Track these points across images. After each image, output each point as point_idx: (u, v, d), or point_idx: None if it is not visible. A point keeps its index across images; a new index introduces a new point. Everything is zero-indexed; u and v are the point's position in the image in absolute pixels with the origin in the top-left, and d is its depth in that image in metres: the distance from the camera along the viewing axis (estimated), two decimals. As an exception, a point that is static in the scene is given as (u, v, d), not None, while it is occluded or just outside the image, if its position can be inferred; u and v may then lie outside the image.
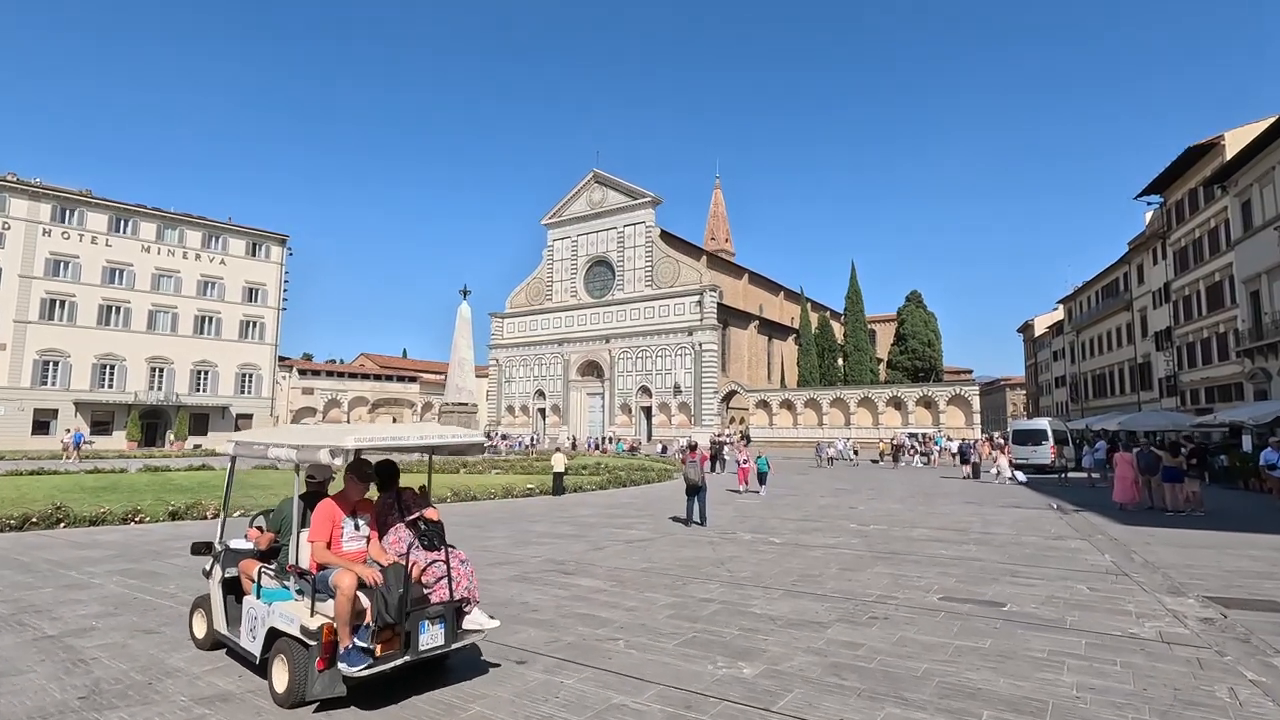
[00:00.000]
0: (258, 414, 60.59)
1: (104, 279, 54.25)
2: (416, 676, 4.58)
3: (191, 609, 5.55)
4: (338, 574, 4.24)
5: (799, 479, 27.04)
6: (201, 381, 58.51)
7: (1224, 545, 10.30)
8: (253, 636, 4.60)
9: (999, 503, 17.26)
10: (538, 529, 12.21)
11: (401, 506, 4.97)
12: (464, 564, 4.83)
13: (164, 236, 57.78)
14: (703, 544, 10.43)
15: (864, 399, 58.59)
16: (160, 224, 57.64)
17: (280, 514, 5.08)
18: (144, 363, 55.55)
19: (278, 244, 63.90)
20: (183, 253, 58.46)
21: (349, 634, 4.12)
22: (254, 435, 5.27)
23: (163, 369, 56.47)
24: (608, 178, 69.93)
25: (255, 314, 61.56)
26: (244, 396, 60.44)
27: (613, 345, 67.25)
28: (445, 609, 4.47)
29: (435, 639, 4.38)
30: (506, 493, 18.88)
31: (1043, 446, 28.00)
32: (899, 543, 10.58)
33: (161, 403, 55.58)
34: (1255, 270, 34.59)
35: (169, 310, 57.08)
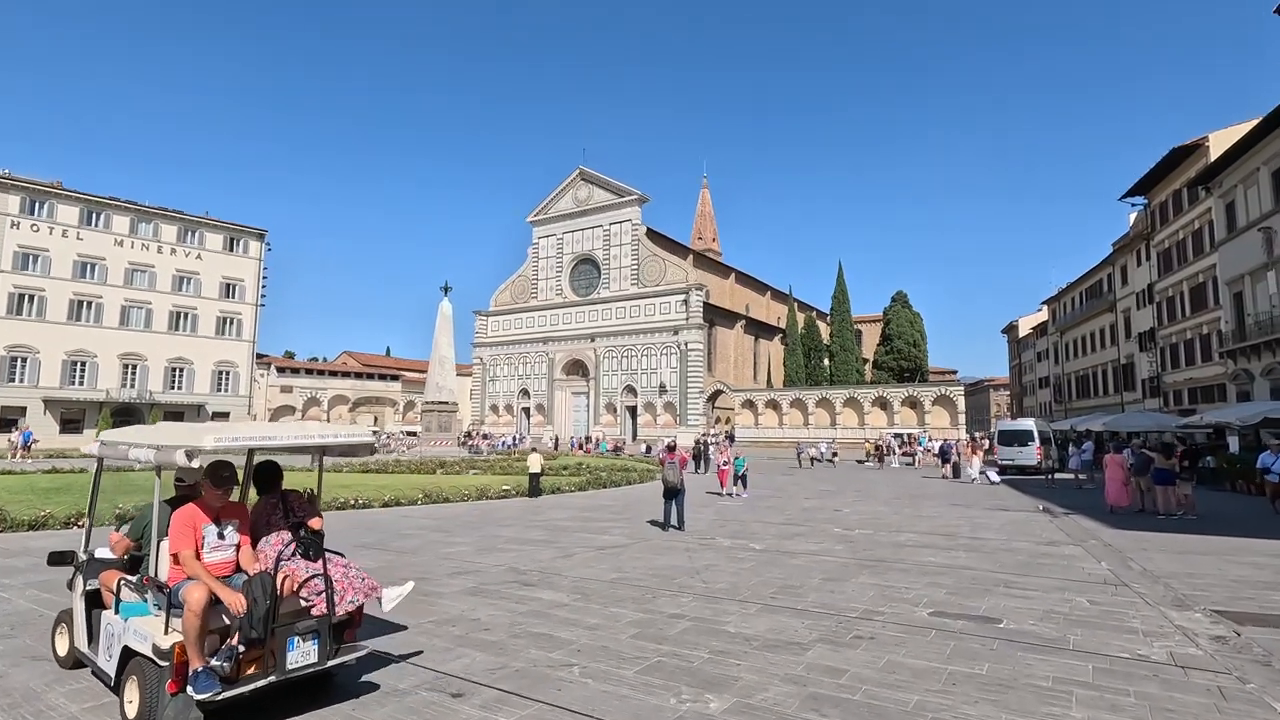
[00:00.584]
0: (235, 412, 59.33)
1: (75, 273, 52.84)
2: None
3: (54, 624, 5.03)
4: (187, 587, 3.75)
5: (783, 480, 26.55)
6: (176, 379, 57.20)
7: (1223, 551, 9.87)
8: (109, 655, 4.14)
9: (986, 505, 16.82)
10: (506, 534, 11.57)
11: (286, 511, 4.48)
12: (353, 572, 4.40)
13: (138, 230, 56.40)
14: (679, 551, 9.85)
15: (850, 399, 58.35)
16: (134, 217, 56.26)
17: (142, 520, 4.61)
18: (116, 359, 54.20)
19: (256, 239, 62.65)
20: (158, 247, 57.11)
21: (200, 654, 3.66)
22: (118, 435, 4.75)
23: (136, 366, 55.13)
24: (594, 175, 69.27)
25: (233, 310, 60.29)
26: (220, 394, 59.19)
27: (598, 344, 66.61)
28: (320, 623, 4.02)
29: (306, 656, 3.93)
30: (481, 494, 18.21)
31: (1029, 447, 27.71)
32: (885, 549, 10.06)
33: (135, 400, 54.25)
34: (1238, 271, 34.59)
35: (143, 306, 55.72)
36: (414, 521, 13.16)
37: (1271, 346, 31.55)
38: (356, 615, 4.48)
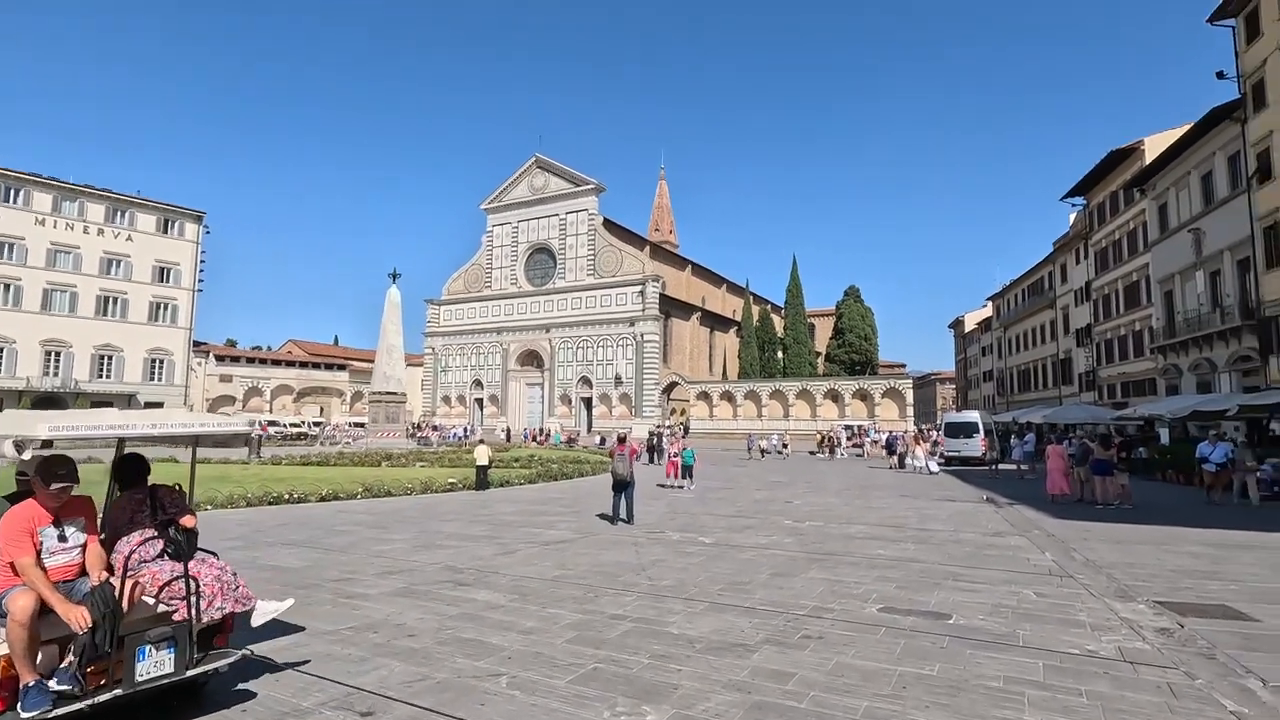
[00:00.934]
0: (169, 402, 56.53)
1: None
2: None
3: None
4: (11, 595, 3.29)
5: (736, 471, 26.56)
6: (105, 367, 54.18)
7: (1160, 541, 10.07)
8: None
9: (933, 496, 17.02)
10: (448, 529, 11.06)
11: (155, 507, 4.03)
12: (228, 576, 4.03)
13: (61, 209, 53.04)
14: (626, 546, 9.52)
15: (802, 391, 59.11)
16: (57, 195, 52.88)
17: None
18: (37, 346, 51.01)
19: (193, 221, 59.68)
20: (83, 227, 53.83)
21: (30, 668, 3.23)
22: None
23: (59, 353, 52.00)
24: (550, 163, 68.23)
25: (167, 295, 57.35)
26: (154, 384, 56.36)
27: (553, 335, 65.83)
28: (178, 630, 3.61)
29: (160, 667, 3.53)
30: (425, 488, 17.55)
31: (974, 439, 28.35)
32: (835, 541, 9.94)
33: (58, 389, 51.18)
34: (1169, 271, 36.10)
35: (66, 289, 52.52)
36: (351, 517, 12.51)
37: (1198, 343, 33.03)
38: (228, 621, 4.04)
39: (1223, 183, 31.61)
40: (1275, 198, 27.38)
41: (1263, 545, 9.67)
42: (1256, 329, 28.73)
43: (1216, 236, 31.78)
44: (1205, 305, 32.76)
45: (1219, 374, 31.60)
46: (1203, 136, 32.55)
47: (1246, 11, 29.46)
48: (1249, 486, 13.83)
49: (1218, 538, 10.32)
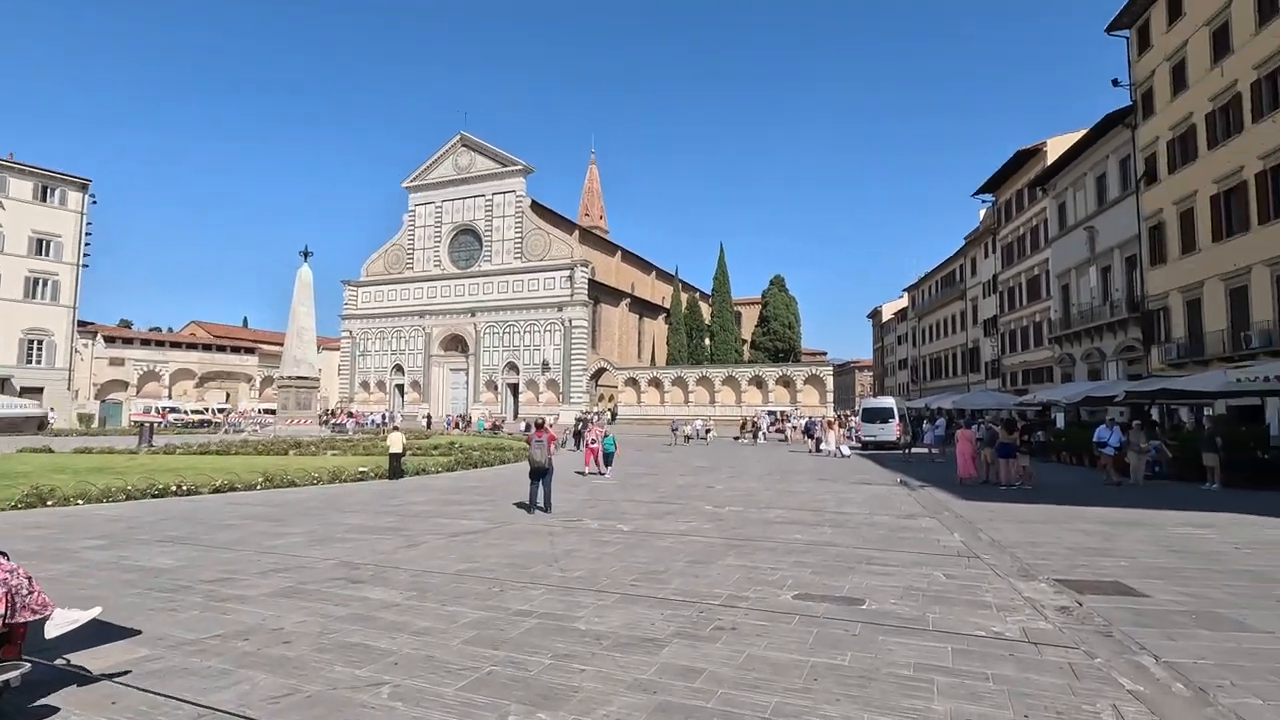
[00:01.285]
0: (50, 387, 51.75)
1: None
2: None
3: None
4: None
5: (661, 457, 26.55)
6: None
7: (1058, 520, 10.53)
8: None
9: (850, 479, 17.43)
10: (351, 521, 10.35)
11: None
12: (17, 580, 3.52)
13: (-85, 170, 47.26)
14: (541, 535, 9.13)
15: (728, 378, 60.02)
16: (-90, 155, 47.05)
17: None
18: (-114, 323, 45.44)
19: (77, 189, 54.43)
20: (-57, 192, 48.18)
21: None
22: None
23: (-85, 331, 46.54)
24: (476, 142, 66.14)
25: (46, 270, 52.20)
26: (31, 367, 51.32)
27: (478, 319, 64.16)
28: None
29: None
30: (334, 477, 16.57)
31: (890, 424, 29.41)
32: (754, 526, 9.88)
33: (-86, 372, 45.87)
34: (1066, 266, 38.48)
35: (-77, 260, 46.97)
36: (244, 509, 11.56)
37: (1090, 334, 35.39)
38: (19, 631, 3.46)
39: (1115, 184, 33.82)
40: (1160, 199, 29.47)
41: (1149, 522, 10.26)
42: (1141, 321, 30.98)
43: (1108, 235, 34.03)
44: (1097, 299, 35.10)
45: (1107, 363, 33.97)
46: (1098, 140, 34.69)
47: (1139, 24, 31.44)
48: (1137, 467, 14.75)
49: (1109, 516, 10.91)
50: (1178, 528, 9.73)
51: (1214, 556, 7.69)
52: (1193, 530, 9.49)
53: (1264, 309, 23.25)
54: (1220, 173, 25.72)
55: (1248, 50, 24.25)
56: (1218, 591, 6.08)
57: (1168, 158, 29.19)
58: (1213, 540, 8.71)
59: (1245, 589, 6.17)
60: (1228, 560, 7.49)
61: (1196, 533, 9.32)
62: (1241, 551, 7.95)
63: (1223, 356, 24.64)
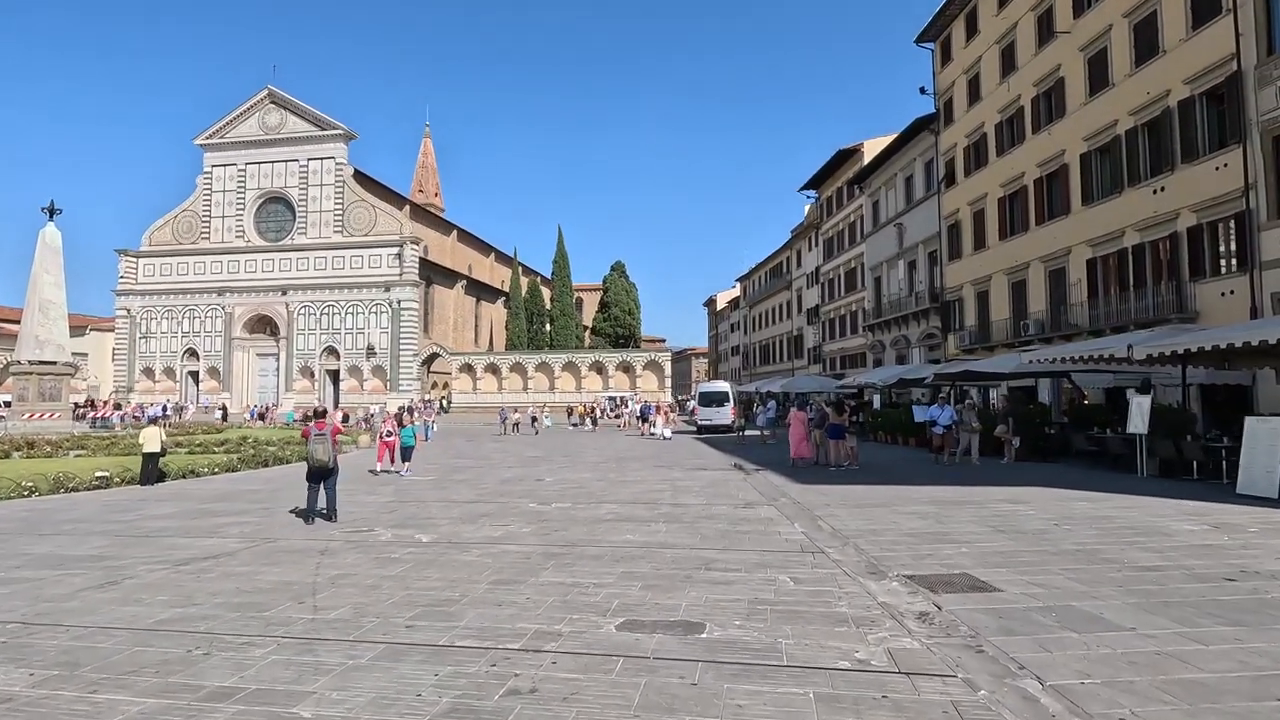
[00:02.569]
0: None
1: None
2: None
3: None
4: None
5: (492, 447, 24.66)
6: None
7: (891, 502, 10.36)
8: None
9: (687, 465, 16.86)
10: (39, 550, 7.60)
11: None
12: None
13: None
14: (308, 556, 7.14)
15: (568, 363, 58.87)
16: None
17: None
18: None
19: None
20: None
21: None
22: None
23: None
24: (287, 99, 58.81)
25: None
26: None
27: (291, 298, 57.41)
28: None
29: None
30: (58, 486, 12.93)
31: (725, 408, 29.80)
32: (581, 527, 8.60)
33: None
34: (879, 259, 41.62)
35: None
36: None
37: (898, 322, 38.50)
38: None
39: (920, 185, 36.87)
40: (957, 200, 32.39)
41: (971, 500, 10.41)
42: (940, 311, 34.06)
43: (914, 231, 37.09)
44: (904, 290, 38.24)
45: (912, 349, 37.14)
46: (907, 144, 37.61)
47: (942, 38, 34.27)
48: (971, 446, 15.41)
49: (935, 495, 10.99)
50: (998, 504, 9.90)
51: (1041, 536, 7.62)
52: (1012, 507, 9.67)
53: (1039, 300, 26.15)
54: (1006, 178, 28.57)
55: (1029, 69, 27.00)
56: (1060, 578, 5.75)
57: (964, 162, 32.08)
58: (1033, 517, 8.81)
59: (1084, 573, 5.91)
60: (1055, 539, 7.43)
61: (1015, 509, 9.48)
62: (1063, 528, 8.01)
63: (1006, 342, 27.48)
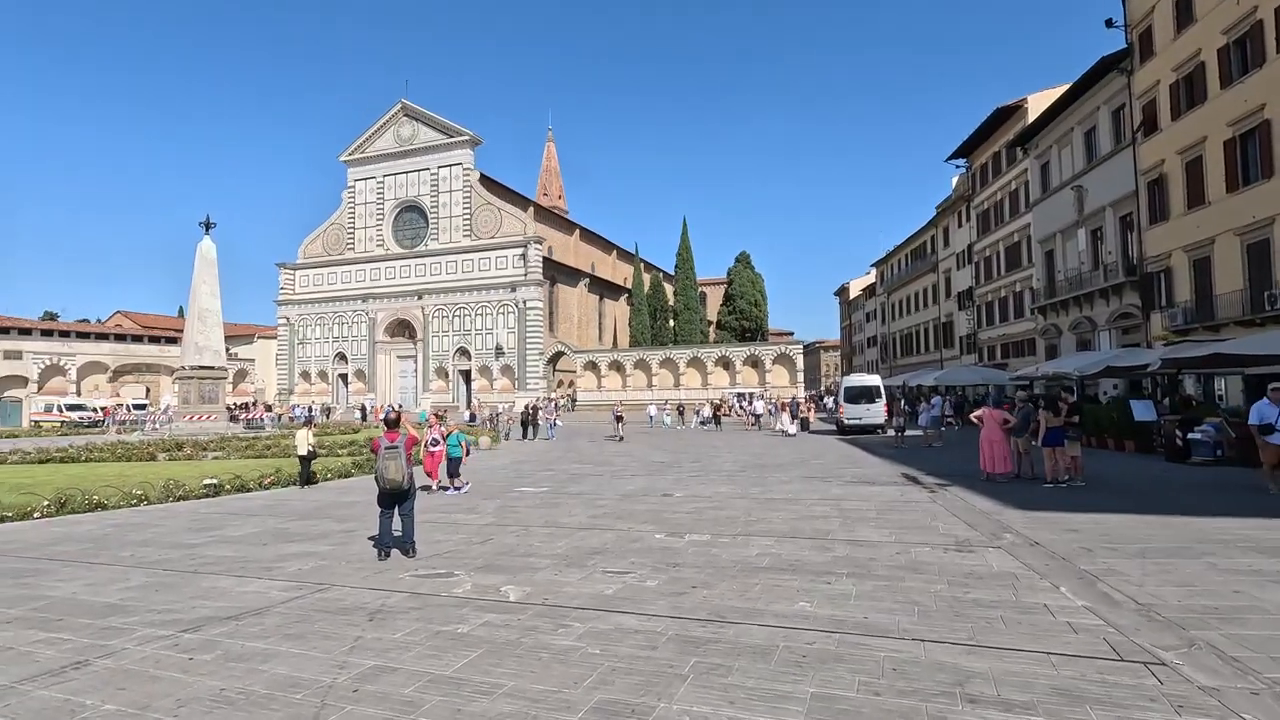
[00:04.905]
0: (-68, 386, 45.74)
1: None
2: None
3: None
4: None
5: (615, 450, 22.79)
6: None
7: (1189, 545, 7.00)
8: None
9: (845, 476, 13.93)
10: (58, 594, 6.33)
11: None
12: None
13: None
14: (353, 621, 5.23)
15: (693, 359, 56.66)
16: None
17: None
18: None
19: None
20: None
21: None
22: None
23: None
24: (419, 111, 60.92)
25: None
26: (-92, 363, 45.24)
27: (426, 302, 59.42)
28: None
29: None
30: (167, 494, 12.34)
31: (876, 404, 26.06)
32: (728, 582, 6.17)
33: None
34: (1050, 230, 35.70)
35: None
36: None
37: (1079, 302, 32.67)
38: None
39: (1106, 138, 30.95)
40: (1160, 150, 26.63)
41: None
42: (1138, 285, 28.28)
43: (1099, 193, 31.21)
44: (1086, 264, 32.36)
45: (1099, 332, 31.30)
46: (1087, 91, 31.75)
47: (1136, -46, 28.38)
48: None
49: (1247, 534, 7.47)
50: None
51: None
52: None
53: (1293, 263, 20.46)
54: (1235, 114, 22.80)
55: (1274, -30, 21.19)
56: None
57: (1170, 103, 26.26)
58: None
59: None
60: None
61: None
62: None
63: (1240, 320, 21.90)
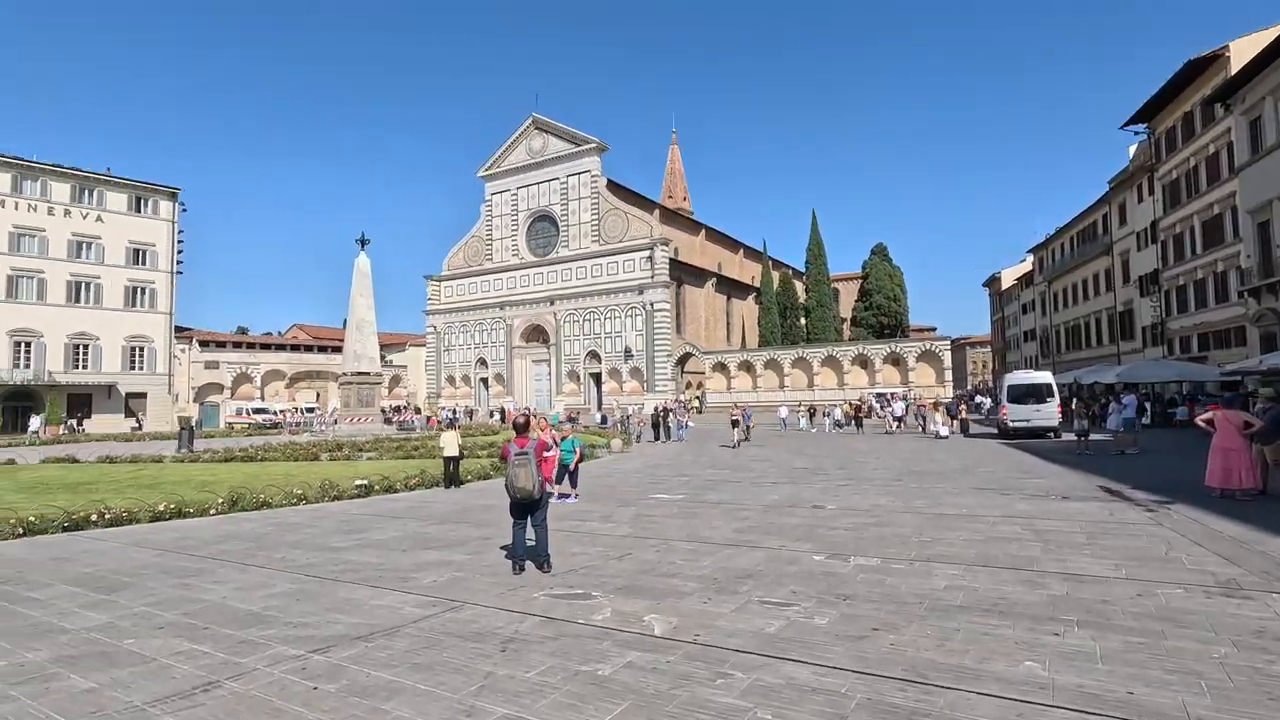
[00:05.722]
0: (153, 392, 53.22)
1: (-56, 239, 45.96)
2: None
3: None
4: None
5: (750, 455, 21.74)
6: (80, 357, 50.73)
7: None
8: None
9: (1024, 487, 12.06)
10: (211, 597, 6.47)
11: None
12: None
13: (22, 189, 49.28)
14: (485, 651, 4.74)
15: (828, 358, 53.96)
16: (16, 174, 49.09)
17: None
18: (5, 336, 47.64)
19: (167, 198, 55.69)
20: (48, 208, 50.07)
21: None
22: None
23: (29, 343, 48.61)
24: (548, 123, 63.08)
25: (143, 278, 53.63)
26: (134, 373, 52.89)
27: (558, 307, 61.29)
28: None
29: None
30: (324, 494, 12.99)
31: (1048, 404, 22.96)
32: (917, 624, 5.09)
33: (31, 383, 47.88)
34: (1264, 198, 30.10)
35: (33, 275, 48.94)
36: (127, 557, 8.03)
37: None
38: None
39: (1345, 81, 25.58)
40: None
41: None
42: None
43: (1334, 149, 25.85)
44: (1315, 235, 26.93)
45: (1337, 316, 25.93)
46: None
47: None
48: None
49: None
50: None
51: None
52: None
53: None
54: None
55: None
56: None
57: None
58: None
59: None
60: None
61: None
62: None
63: None
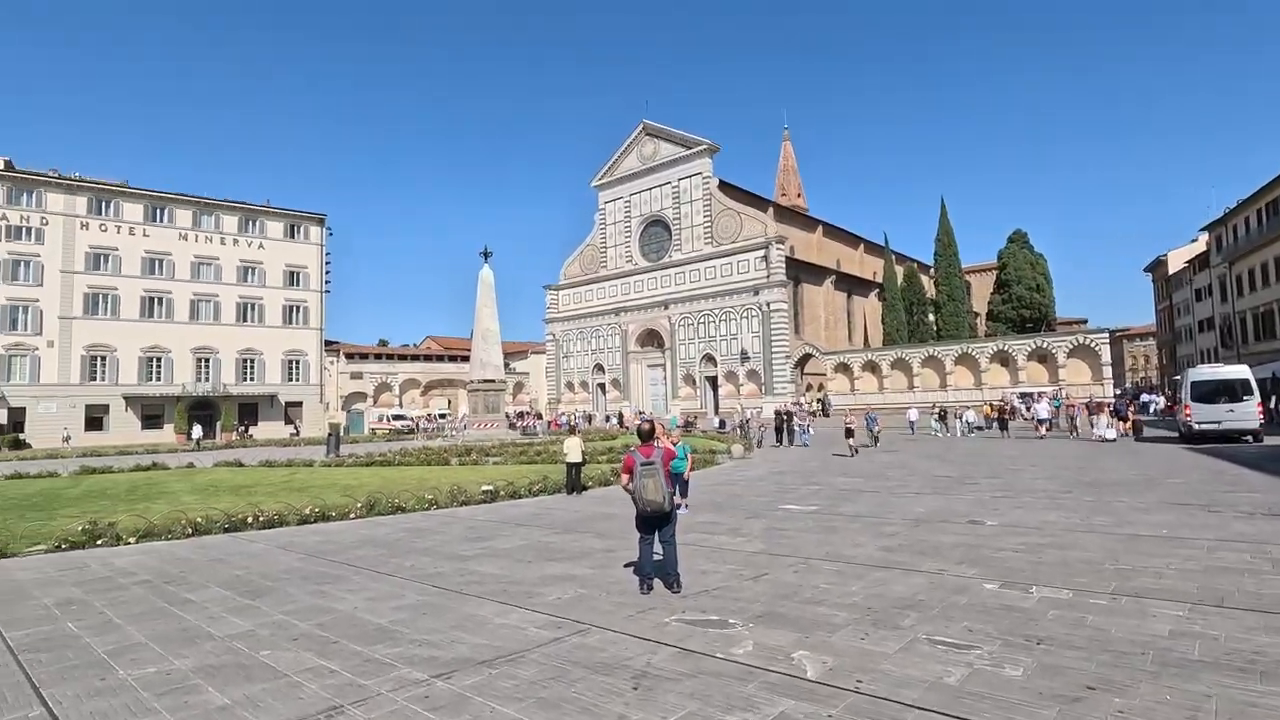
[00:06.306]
0: (307, 401, 58.65)
1: (144, 269, 53.07)
2: None
3: None
4: None
5: (884, 460, 20.19)
6: (248, 370, 56.82)
7: None
8: None
9: (1240, 504, 10.11)
10: (343, 607, 6.46)
11: None
12: None
13: (200, 223, 56.03)
14: (616, 686, 4.22)
15: (963, 355, 49.91)
16: (196, 210, 55.88)
17: None
18: (189, 354, 54.22)
19: (315, 224, 61.31)
20: (220, 239, 56.61)
21: None
22: None
23: (208, 359, 55.06)
24: (659, 128, 63.30)
25: (298, 298, 59.30)
26: (292, 384, 58.54)
27: (672, 311, 61.18)
28: None
29: None
30: (453, 499, 13.26)
31: (1245, 403, 19.59)
32: (1144, 681, 3.95)
33: (209, 394, 54.22)
34: None
35: (210, 299, 55.44)
36: (274, 560, 8.39)
37: None
38: None
39: None
40: None
41: None
42: None
43: None
44: None
45: None
46: None
47: None
48: None
49: None
50: None
51: None
52: None
53: None
54: None
55: None
56: None
57: None
58: None
59: None
60: None
61: None
62: None
63: None
